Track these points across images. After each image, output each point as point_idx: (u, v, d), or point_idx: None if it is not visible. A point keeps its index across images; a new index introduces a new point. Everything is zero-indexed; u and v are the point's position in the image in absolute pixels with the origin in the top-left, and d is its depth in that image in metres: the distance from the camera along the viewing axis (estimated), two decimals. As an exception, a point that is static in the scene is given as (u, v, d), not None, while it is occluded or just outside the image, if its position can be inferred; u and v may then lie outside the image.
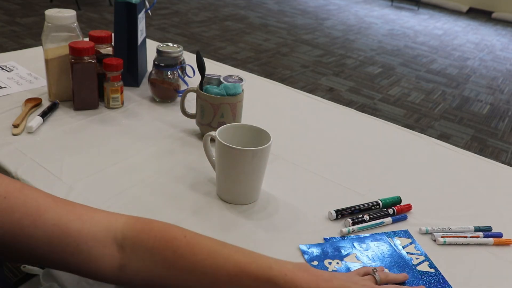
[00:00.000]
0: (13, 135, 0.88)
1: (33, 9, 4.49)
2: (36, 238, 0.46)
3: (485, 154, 2.74)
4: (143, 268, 0.50)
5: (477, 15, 7.23)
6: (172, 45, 1.16)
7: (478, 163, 1.01)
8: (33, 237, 0.46)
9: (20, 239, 0.46)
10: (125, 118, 1.00)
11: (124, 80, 1.05)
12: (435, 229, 0.75)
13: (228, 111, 0.90)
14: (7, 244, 0.46)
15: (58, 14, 0.96)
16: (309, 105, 1.20)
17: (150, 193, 0.76)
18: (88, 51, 0.94)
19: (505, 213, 0.83)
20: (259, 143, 0.74)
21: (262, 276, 0.51)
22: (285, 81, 3.43)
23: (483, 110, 3.45)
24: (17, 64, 1.22)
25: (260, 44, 4.34)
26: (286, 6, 6.18)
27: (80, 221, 0.49)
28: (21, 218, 0.46)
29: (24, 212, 0.46)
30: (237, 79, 1.00)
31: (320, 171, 0.88)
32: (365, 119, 1.16)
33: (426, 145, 1.05)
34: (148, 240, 0.51)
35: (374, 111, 3.15)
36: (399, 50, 4.73)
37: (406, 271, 0.66)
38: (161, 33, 4.28)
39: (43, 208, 0.48)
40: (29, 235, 0.46)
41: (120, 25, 1.10)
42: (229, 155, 0.72)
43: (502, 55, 5.09)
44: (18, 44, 3.55)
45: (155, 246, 0.51)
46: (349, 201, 0.79)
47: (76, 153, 0.85)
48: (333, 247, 0.69)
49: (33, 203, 0.47)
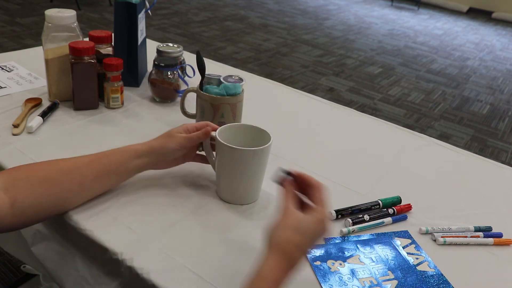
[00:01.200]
0: (13, 135, 0.88)
1: (33, 9, 4.49)
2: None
3: (485, 154, 2.74)
4: (28, 194, 0.63)
5: (477, 15, 7.23)
6: (172, 45, 1.16)
7: (478, 163, 1.01)
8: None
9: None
10: (125, 118, 1.00)
11: (124, 80, 1.05)
12: (435, 229, 0.75)
13: (228, 111, 0.90)
14: None
15: (58, 14, 0.96)
16: (309, 105, 1.20)
17: (150, 192, 0.76)
18: (88, 51, 0.94)
19: (505, 213, 0.83)
20: (260, 143, 0.74)
21: None
22: (285, 81, 3.43)
23: (483, 110, 3.45)
24: (17, 64, 1.22)
25: (260, 44, 4.34)
26: (286, 6, 6.18)
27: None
28: None
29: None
30: (237, 79, 1.00)
31: (320, 171, 0.88)
32: (365, 119, 1.16)
33: (426, 145, 1.05)
34: (20, 173, 0.65)
35: (374, 111, 3.15)
36: (399, 50, 4.73)
37: (409, 274, 0.66)
38: (161, 33, 4.28)
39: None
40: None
41: (120, 25, 1.10)
42: (230, 155, 0.72)
43: (502, 55, 5.09)
44: (18, 44, 3.55)
45: (28, 174, 0.65)
46: (349, 201, 0.79)
47: (76, 153, 0.84)
48: (337, 248, 0.69)
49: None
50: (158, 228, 0.69)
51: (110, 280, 0.66)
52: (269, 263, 0.55)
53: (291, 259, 0.56)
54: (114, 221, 0.69)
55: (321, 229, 0.58)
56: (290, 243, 0.56)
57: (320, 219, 0.58)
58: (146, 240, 0.66)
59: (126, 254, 0.63)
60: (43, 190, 0.65)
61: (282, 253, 0.55)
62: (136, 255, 0.63)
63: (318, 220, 0.58)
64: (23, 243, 0.77)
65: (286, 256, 0.55)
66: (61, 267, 0.73)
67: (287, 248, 0.56)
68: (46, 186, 0.65)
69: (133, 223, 0.69)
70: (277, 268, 0.54)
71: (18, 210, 0.62)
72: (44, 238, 0.74)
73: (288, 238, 0.56)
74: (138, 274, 0.61)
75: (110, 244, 0.64)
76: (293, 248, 0.56)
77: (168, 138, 0.75)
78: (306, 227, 0.57)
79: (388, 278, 0.65)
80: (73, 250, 0.71)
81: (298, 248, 0.56)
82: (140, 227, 0.68)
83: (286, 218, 0.58)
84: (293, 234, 0.56)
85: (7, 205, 0.61)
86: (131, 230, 0.67)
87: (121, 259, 0.63)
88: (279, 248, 0.56)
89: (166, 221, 0.70)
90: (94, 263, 0.68)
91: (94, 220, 0.68)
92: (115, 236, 0.66)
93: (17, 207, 0.62)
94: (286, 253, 0.55)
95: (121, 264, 0.63)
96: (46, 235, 0.74)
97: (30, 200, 0.63)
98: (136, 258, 0.62)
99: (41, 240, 0.75)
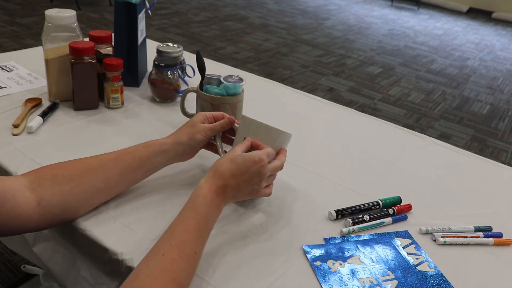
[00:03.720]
0: (13, 135, 0.88)
1: (33, 9, 4.49)
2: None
3: (485, 154, 2.74)
4: (54, 193, 0.63)
5: (477, 15, 7.23)
6: (172, 45, 1.16)
7: (478, 163, 1.01)
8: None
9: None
10: (125, 118, 1.00)
11: (124, 80, 1.05)
12: (435, 229, 0.75)
13: (228, 111, 0.90)
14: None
15: (58, 14, 0.96)
16: (309, 105, 1.20)
17: (150, 192, 0.76)
18: (88, 51, 0.94)
19: (505, 213, 0.83)
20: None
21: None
22: (285, 81, 3.43)
23: (483, 110, 3.45)
24: (17, 64, 1.22)
25: (260, 44, 4.34)
26: (286, 6, 6.18)
27: (0, 181, 0.61)
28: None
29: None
30: (237, 79, 1.00)
31: (320, 171, 0.88)
32: (365, 119, 1.16)
33: (426, 145, 1.05)
34: (46, 173, 0.65)
35: (374, 111, 3.15)
36: (399, 50, 4.73)
37: (410, 274, 0.66)
38: (161, 33, 4.28)
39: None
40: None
41: (120, 25, 1.10)
42: (266, 134, 0.73)
43: (502, 55, 5.09)
44: (18, 44, 3.55)
45: (53, 173, 0.65)
46: (349, 201, 0.79)
47: (76, 153, 0.84)
48: (337, 248, 0.69)
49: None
50: (159, 228, 0.68)
51: (110, 280, 0.66)
52: (204, 186, 0.63)
53: (225, 184, 0.65)
54: (114, 221, 0.69)
55: (257, 169, 0.67)
56: (226, 169, 0.66)
57: (259, 159, 0.67)
58: (146, 240, 0.66)
59: (126, 254, 0.63)
60: (69, 189, 0.65)
61: (218, 178, 0.65)
62: (136, 255, 0.63)
63: (254, 160, 0.67)
64: (25, 243, 0.77)
65: (221, 181, 0.65)
66: (61, 267, 0.73)
67: (223, 174, 0.65)
68: (72, 185, 0.65)
69: (133, 223, 0.69)
70: (211, 191, 0.63)
71: (45, 209, 0.62)
72: (45, 238, 0.75)
73: (226, 166, 0.66)
74: (138, 274, 0.61)
75: (110, 244, 0.64)
76: (228, 174, 0.65)
77: (193, 129, 0.76)
78: (242, 160, 0.66)
79: (388, 278, 0.65)
80: (73, 250, 0.71)
81: (232, 175, 0.65)
82: (140, 227, 0.68)
83: (229, 153, 0.68)
84: (230, 164, 0.66)
85: (34, 204, 0.61)
86: (131, 230, 0.67)
87: (121, 259, 0.63)
88: (216, 174, 0.65)
89: (167, 221, 0.70)
90: (94, 263, 0.68)
91: (94, 220, 0.68)
92: (115, 236, 0.66)
93: (44, 206, 0.62)
94: (222, 178, 0.65)
95: (121, 264, 0.63)
96: (47, 235, 0.74)
97: (56, 199, 0.64)
98: (136, 258, 0.62)
99: (42, 240, 0.75)
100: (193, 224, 0.60)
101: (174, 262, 0.55)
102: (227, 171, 0.66)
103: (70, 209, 0.66)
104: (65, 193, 0.65)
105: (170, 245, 0.56)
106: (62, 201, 0.64)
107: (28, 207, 0.61)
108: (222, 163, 0.67)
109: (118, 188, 0.72)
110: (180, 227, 0.59)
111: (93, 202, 0.69)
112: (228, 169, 0.66)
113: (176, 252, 0.56)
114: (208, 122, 0.78)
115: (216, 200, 0.64)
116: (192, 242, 0.58)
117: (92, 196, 0.68)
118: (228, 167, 0.66)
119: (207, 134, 0.76)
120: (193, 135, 0.75)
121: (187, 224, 0.59)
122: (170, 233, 0.59)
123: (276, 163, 0.71)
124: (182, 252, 0.56)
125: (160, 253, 0.55)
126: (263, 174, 0.68)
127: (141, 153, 0.72)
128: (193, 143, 0.76)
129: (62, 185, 0.65)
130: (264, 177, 0.69)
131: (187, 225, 0.59)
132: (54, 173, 0.65)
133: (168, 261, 0.55)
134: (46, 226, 0.66)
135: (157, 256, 0.55)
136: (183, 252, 0.57)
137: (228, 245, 0.67)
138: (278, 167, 0.72)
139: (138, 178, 0.74)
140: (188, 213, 0.61)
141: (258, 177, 0.68)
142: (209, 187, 0.64)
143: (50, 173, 0.65)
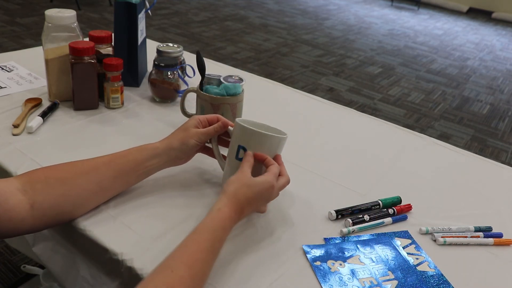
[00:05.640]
0: (13, 135, 0.88)
1: (33, 9, 4.49)
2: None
3: (485, 154, 2.74)
4: (46, 196, 0.63)
5: (477, 15, 7.23)
6: (172, 45, 1.16)
7: (478, 163, 1.01)
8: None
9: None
10: (125, 118, 1.00)
11: (124, 80, 1.05)
12: (435, 229, 0.75)
13: (228, 111, 0.90)
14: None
15: (58, 14, 0.96)
16: (309, 105, 1.20)
17: (150, 192, 0.76)
18: (88, 51, 0.94)
19: (505, 213, 0.83)
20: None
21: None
22: (285, 81, 3.43)
23: (483, 110, 3.45)
24: (17, 64, 1.22)
25: (260, 44, 4.34)
26: (286, 6, 6.17)
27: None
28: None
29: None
30: (237, 79, 1.00)
31: (320, 171, 0.88)
32: (365, 119, 1.16)
33: (426, 145, 1.05)
34: (38, 175, 0.65)
35: (374, 111, 3.15)
36: (399, 50, 4.73)
37: (410, 274, 0.66)
38: (161, 33, 4.28)
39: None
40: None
41: (120, 25, 1.10)
42: (258, 139, 0.72)
43: (502, 55, 5.09)
44: (18, 44, 3.55)
45: (46, 176, 0.65)
46: (349, 201, 0.79)
47: (76, 153, 0.85)
48: (337, 248, 0.69)
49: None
50: (159, 228, 0.68)
51: (110, 280, 0.66)
52: (224, 210, 0.63)
53: (242, 210, 0.65)
54: (114, 221, 0.69)
55: (269, 193, 0.69)
56: (244, 197, 0.66)
57: (270, 185, 0.68)
58: (146, 240, 0.66)
59: (126, 254, 0.63)
60: (62, 191, 0.65)
61: (236, 204, 0.64)
62: (136, 256, 0.63)
63: (268, 185, 0.68)
64: (26, 242, 0.77)
65: (239, 207, 0.65)
66: (61, 267, 0.73)
67: (241, 200, 0.65)
68: (65, 187, 0.65)
69: (133, 223, 0.69)
70: (230, 217, 0.63)
71: (38, 211, 0.62)
72: (44, 238, 0.75)
73: (243, 192, 0.66)
74: (138, 275, 0.61)
75: (110, 244, 0.64)
76: (245, 201, 0.66)
77: (185, 133, 0.75)
78: (258, 187, 0.67)
79: (388, 278, 0.65)
80: (73, 250, 0.71)
81: (249, 203, 0.66)
82: (140, 227, 0.68)
83: (242, 176, 0.68)
84: (247, 190, 0.66)
85: (27, 206, 0.61)
86: (131, 230, 0.67)
87: (121, 259, 0.63)
88: (234, 199, 0.65)
89: (167, 221, 0.70)
90: (94, 263, 0.68)
91: (94, 220, 0.68)
92: (115, 236, 0.66)
93: (37, 209, 0.62)
94: (240, 204, 0.65)
95: (121, 265, 0.63)
96: (46, 235, 0.74)
97: (49, 202, 0.64)
98: (136, 259, 0.62)
99: (42, 240, 0.75)
100: (207, 246, 0.59)
101: (182, 280, 0.54)
102: (245, 199, 0.66)
103: (64, 212, 0.66)
104: (57, 195, 0.64)
105: (181, 262, 0.56)
106: (55, 204, 0.64)
107: (20, 210, 0.61)
108: (239, 187, 0.66)
109: (112, 191, 0.71)
110: (193, 247, 0.58)
111: (88, 205, 0.69)
112: (245, 196, 0.66)
113: (186, 270, 0.55)
114: (202, 126, 0.77)
115: (231, 224, 0.64)
116: (203, 262, 0.58)
117: (86, 199, 0.68)
118: (246, 194, 0.66)
119: (200, 139, 0.75)
120: (185, 140, 0.75)
121: (201, 244, 0.59)
122: (182, 251, 0.58)
123: (282, 182, 0.71)
124: (192, 271, 0.56)
125: (169, 269, 0.55)
126: (272, 198, 0.71)
127: (134, 156, 0.72)
128: (185, 148, 0.75)
129: (55, 187, 0.64)
130: (271, 200, 0.72)
131: (200, 245, 0.59)
132: (46, 176, 0.65)
133: (176, 279, 0.54)
134: (41, 228, 0.66)
135: (165, 272, 0.54)
136: (193, 271, 0.56)
137: (228, 245, 0.67)
138: (284, 185, 0.72)
139: (131, 182, 0.74)
140: (204, 234, 0.60)
141: (267, 200, 0.71)
142: (228, 212, 0.63)
143: (42, 176, 0.65)
